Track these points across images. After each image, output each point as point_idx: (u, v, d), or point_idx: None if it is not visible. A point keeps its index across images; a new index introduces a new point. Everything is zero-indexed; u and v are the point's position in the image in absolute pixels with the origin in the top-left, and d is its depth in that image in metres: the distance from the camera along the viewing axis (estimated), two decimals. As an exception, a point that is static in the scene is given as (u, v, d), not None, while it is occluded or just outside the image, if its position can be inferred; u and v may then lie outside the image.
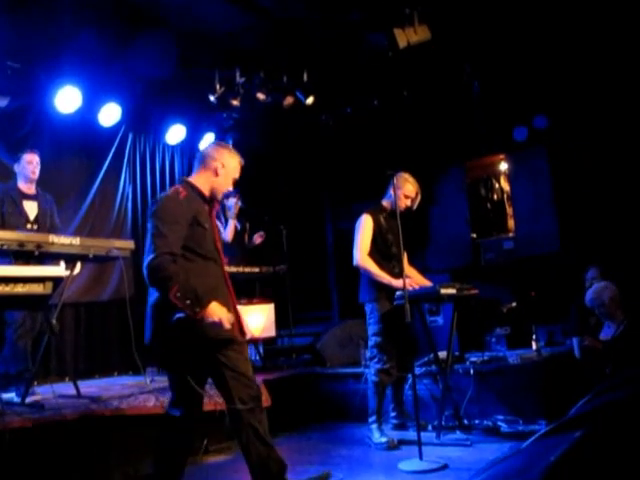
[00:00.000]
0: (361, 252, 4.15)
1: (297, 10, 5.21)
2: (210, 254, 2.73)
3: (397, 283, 3.97)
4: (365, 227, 4.19)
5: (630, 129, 5.99)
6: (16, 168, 4.54)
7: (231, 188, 2.94)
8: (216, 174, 2.83)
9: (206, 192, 2.82)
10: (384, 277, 4.07)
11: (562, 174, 6.63)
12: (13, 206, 4.37)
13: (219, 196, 2.89)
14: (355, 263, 4.17)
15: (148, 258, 2.54)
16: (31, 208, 4.48)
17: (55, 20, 4.61)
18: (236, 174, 2.92)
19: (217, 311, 2.51)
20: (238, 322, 2.80)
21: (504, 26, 5.45)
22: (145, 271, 2.55)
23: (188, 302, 2.47)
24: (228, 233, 5.46)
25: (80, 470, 3.22)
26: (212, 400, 4.07)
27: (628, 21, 5.24)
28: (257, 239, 5.62)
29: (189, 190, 2.76)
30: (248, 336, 3.01)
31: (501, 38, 5.65)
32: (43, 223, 4.48)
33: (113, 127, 6.07)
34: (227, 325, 2.53)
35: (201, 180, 2.83)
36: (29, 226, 4.39)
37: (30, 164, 4.48)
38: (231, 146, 3.07)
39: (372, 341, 4.16)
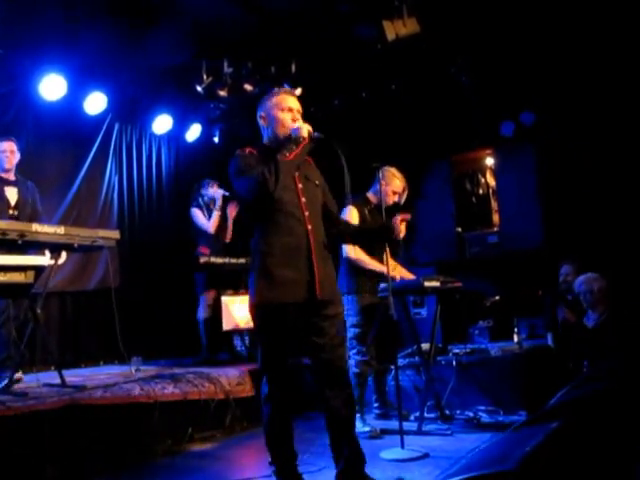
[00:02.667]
0: (350, 244, 4.16)
1: (285, 1, 5.19)
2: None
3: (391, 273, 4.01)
4: (351, 219, 4.20)
5: (616, 126, 6.07)
6: None
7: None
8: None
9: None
10: (377, 266, 4.09)
11: (548, 170, 6.70)
12: None
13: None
14: (345, 255, 4.16)
15: None
16: (12, 194, 4.44)
17: (40, 7, 4.56)
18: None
19: None
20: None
21: (493, 21, 5.48)
22: None
23: None
24: (212, 224, 5.45)
25: (63, 459, 3.22)
26: (197, 389, 4.12)
27: (614, 19, 5.30)
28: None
29: None
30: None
31: (490, 33, 5.68)
32: (23, 209, 4.44)
33: (99, 116, 6.03)
34: None
35: None
36: (10, 212, 4.34)
37: (4, 153, 4.40)
38: None
39: (351, 332, 4.18)
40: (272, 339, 2.64)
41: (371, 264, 4.10)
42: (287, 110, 2.76)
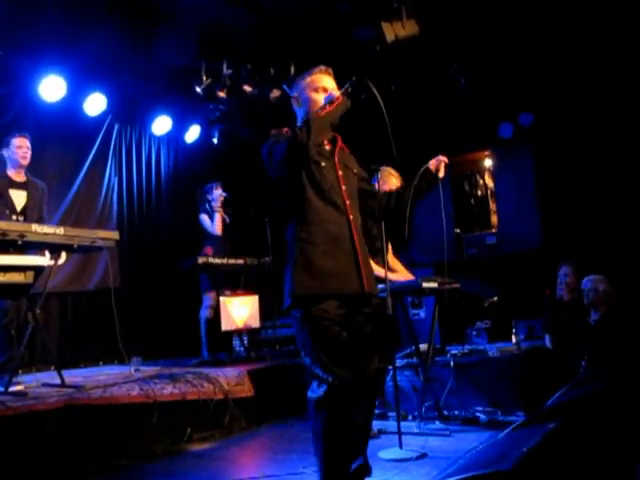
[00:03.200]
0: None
1: (285, 3, 5.21)
2: None
3: (380, 272, 4.02)
4: None
5: (615, 127, 6.09)
6: (5, 153, 4.31)
7: None
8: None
9: None
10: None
11: (546, 172, 6.72)
12: None
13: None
14: None
15: None
16: (18, 197, 4.29)
17: (40, 8, 4.57)
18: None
19: None
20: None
21: (491, 23, 5.50)
22: None
23: None
24: (216, 226, 5.49)
25: (62, 458, 3.23)
26: (196, 389, 4.13)
27: (612, 20, 5.32)
28: None
29: None
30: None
31: (488, 35, 5.70)
32: (31, 214, 4.28)
33: (99, 117, 6.05)
34: None
35: None
36: (14, 217, 4.19)
37: (20, 149, 4.26)
38: None
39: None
40: (322, 333, 2.33)
41: None
42: (322, 90, 2.60)
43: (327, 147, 2.56)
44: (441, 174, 2.81)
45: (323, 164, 2.47)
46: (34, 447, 3.12)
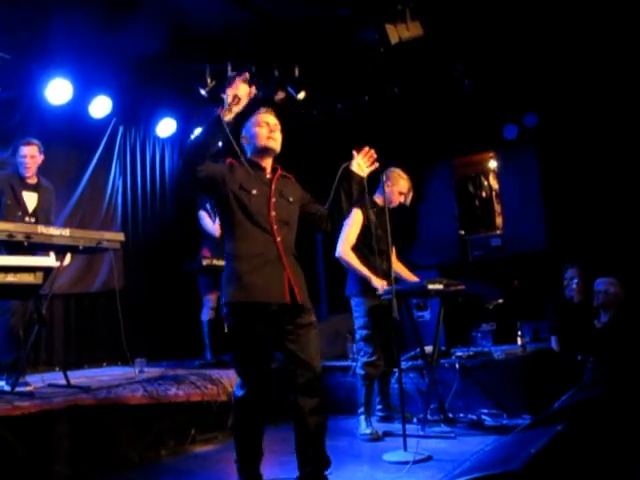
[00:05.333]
0: (344, 244, 4.17)
1: (289, 4, 5.21)
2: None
3: (375, 282, 4.01)
4: (354, 221, 4.21)
5: (620, 129, 6.06)
6: (17, 158, 4.40)
7: None
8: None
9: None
10: (364, 271, 4.10)
11: (551, 173, 6.69)
12: (12, 197, 4.26)
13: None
14: (337, 254, 4.19)
15: None
16: (30, 199, 4.37)
17: (46, 11, 4.58)
18: None
19: None
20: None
21: (496, 23, 5.49)
22: None
23: None
24: (217, 228, 5.48)
25: (68, 458, 3.24)
26: (200, 391, 4.13)
27: (617, 21, 5.31)
28: None
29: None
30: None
31: (493, 35, 5.68)
32: (42, 216, 4.36)
33: (104, 119, 6.06)
34: None
35: None
36: (27, 219, 4.27)
37: (24, 158, 4.34)
38: None
39: (359, 334, 4.20)
40: (246, 341, 2.67)
41: (359, 269, 4.10)
42: (265, 124, 2.90)
43: (268, 176, 2.87)
44: (363, 171, 3.00)
45: (254, 192, 2.75)
46: (40, 446, 3.14)
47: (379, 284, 4.00)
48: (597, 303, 4.40)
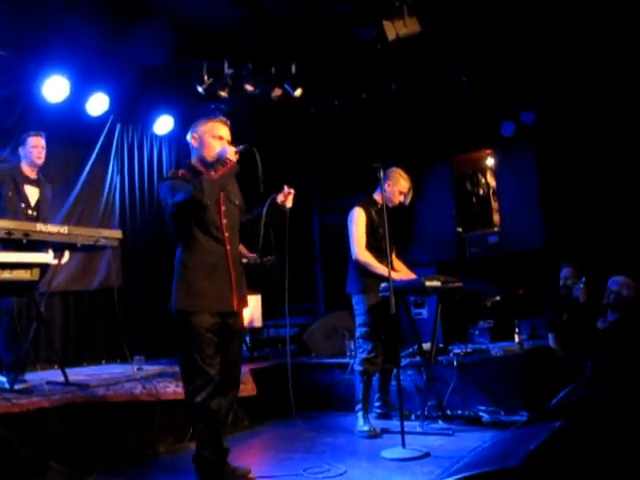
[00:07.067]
0: (359, 246, 4.17)
1: (286, 2, 5.20)
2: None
3: (395, 277, 4.02)
4: (359, 220, 4.22)
5: (617, 126, 6.07)
6: (21, 151, 4.42)
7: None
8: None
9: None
10: (384, 270, 4.09)
11: (548, 170, 6.70)
12: (14, 189, 4.26)
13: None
14: (354, 257, 4.18)
15: None
16: (32, 193, 4.39)
17: (44, 9, 4.57)
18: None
19: None
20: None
21: (494, 21, 5.49)
22: None
23: None
24: None
25: (66, 455, 3.24)
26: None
27: (615, 18, 5.31)
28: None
29: None
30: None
31: (491, 33, 5.68)
32: (42, 211, 4.39)
33: (101, 117, 6.04)
34: None
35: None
36: (29, 212, 4.30)
37: (35, 148, 4.36)
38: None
39: (358, 332, 4.21)
40: (193, 347, 2.82)
41: (379, 268, 4.09)
42: (218, 138, 3.04)
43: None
44: (288, 204, 3.12)
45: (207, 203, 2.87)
46: (39, 443, 3.14)
47: (395, 276, 4.03)
48: (607, 302, 4.37)
